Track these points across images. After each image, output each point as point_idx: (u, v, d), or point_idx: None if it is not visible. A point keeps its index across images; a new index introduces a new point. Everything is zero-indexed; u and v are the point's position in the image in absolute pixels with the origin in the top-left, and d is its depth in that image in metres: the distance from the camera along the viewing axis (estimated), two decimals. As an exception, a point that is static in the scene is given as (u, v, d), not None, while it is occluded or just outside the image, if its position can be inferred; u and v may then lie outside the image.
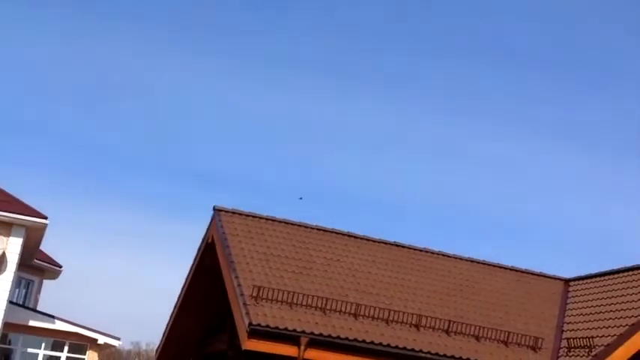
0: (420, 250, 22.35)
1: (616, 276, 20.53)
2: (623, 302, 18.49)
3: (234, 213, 20.45)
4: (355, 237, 21.88)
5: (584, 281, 21.45)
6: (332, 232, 21.66)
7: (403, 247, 22.24)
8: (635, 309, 17.58)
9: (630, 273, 20.25)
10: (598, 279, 21.04)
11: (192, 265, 21.43)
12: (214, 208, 20.37)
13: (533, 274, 22.80)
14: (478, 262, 22.63)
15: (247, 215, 20.65)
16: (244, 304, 16.24)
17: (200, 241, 20.92)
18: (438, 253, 22.48)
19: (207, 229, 20.52)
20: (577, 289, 21.26)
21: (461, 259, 22.57)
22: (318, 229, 21.57)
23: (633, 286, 19.38)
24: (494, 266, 22.67)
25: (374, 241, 22.05)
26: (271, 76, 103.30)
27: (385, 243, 22.20)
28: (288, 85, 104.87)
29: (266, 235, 20.19)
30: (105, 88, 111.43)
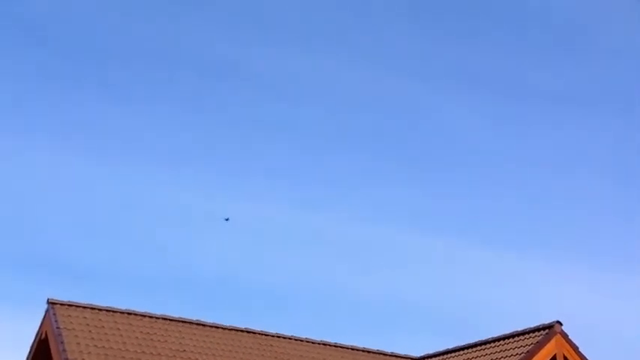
0: (272, 336, 21.91)
1: (463, 352, 20.62)
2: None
3: (70, 306, 19.53)
4: (203, 325, 21.29)
5: (432, 359, 21.48)
6: (178, 321, 20.99)
7: (254, 333, 21.77)
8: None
9: (477, 348, 20.39)
10: (446, 356, 21.10)
11: (25, 364, 20.24)
12: (48, 301, 19.45)
13: (385, 354, 22.66)
14: (331, 345, 22.34)
15: (85, 307, 19.74)
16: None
17: (33, 337, 19.86)
18: (290, 338, 22.07)
19: (41, 325, 19.51)
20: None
21: (314, 343, 22.25)
22: (163, 319, 20.84)
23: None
24: (347, 348, 22.40)
25: (223, 329, 21.51)
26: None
27: (236, 330, 21.69)
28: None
29: (106, 329, 19.32)
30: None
